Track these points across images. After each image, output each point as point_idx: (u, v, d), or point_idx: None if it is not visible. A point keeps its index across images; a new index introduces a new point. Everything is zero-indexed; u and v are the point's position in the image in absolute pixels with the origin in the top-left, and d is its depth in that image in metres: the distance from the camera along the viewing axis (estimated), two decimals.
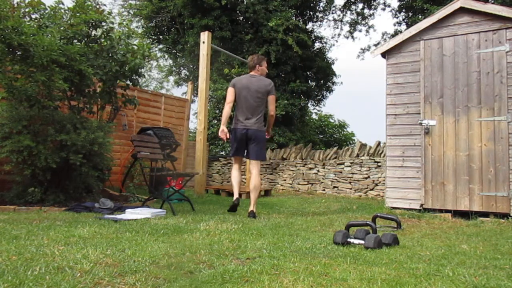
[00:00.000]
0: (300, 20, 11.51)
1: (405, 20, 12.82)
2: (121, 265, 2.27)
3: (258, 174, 4.83)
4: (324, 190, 8.29)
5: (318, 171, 8.45)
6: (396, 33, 12.49)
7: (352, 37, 14.98)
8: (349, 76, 38.53)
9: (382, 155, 7.68)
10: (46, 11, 5.44)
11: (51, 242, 2.82)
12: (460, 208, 5.00)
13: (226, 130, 4.80)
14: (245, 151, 4.89)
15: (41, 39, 4.65)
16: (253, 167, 4.84)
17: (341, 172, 8.15)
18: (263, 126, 4.87)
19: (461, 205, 5.00)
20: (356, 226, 3.42)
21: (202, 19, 10.28)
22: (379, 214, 3.82)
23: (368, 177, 7.81)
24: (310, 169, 8.57)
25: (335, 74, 12.19)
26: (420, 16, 10.65)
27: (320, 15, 13.21)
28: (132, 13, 14.32)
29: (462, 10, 5.19)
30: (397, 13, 13.20)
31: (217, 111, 10.94)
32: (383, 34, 14.35)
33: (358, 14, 14.63)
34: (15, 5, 5.12)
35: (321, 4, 12.88)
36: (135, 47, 5.99)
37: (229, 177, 9.44)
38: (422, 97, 5.36)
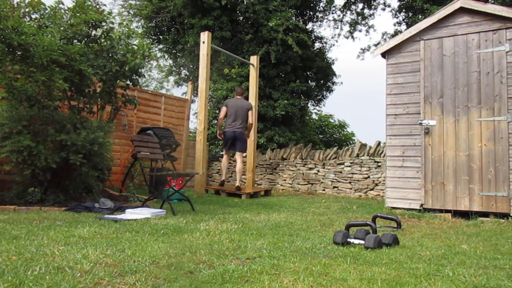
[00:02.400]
0: (300, 20, 11.50)
1: (405, 20, 12.81)
2: (121, 265, 2.27)
3: (241, 162, 7.44)
4: (324, 190, 8.28)
5: (318, 171, 8.44)
6: (396, 33, 12.49)
7: (352, 37, 14.97)
8: (349, 76, 38.51)
9: (382, 155, 7.68)
10: (46, 11, 5.44)
11: (51, 242, 2.82)
12: (460, 208, 5.00)
13: (221, 133, 7.51)
14: (233, 146, 7.38)
15: (41, 39, 4.65)
16: (238, 156, 7.47)
17: (341, 172, 8.15)
18: (245, 130, 7.39)
19: (461, 205, 5.00)
20: (356, 226, 3.42)
21: (202, 19, 10.28)
22: (379, 214, 3.82)
23: (368, 177, 7.81)
24: (310, 169, 8.56)
25: (335, 74, 12.18)
26: (420, 16, 10.64)
27: (320, 15, 13.21)
28: (132, 13, 14.30)
29: (462, 10, 5.19)
30: (397, 13, 13.20)
31: (217, 111, 10.93)
32: (383, 34, 14.35)
33: (358, 14, 14.62)
34: (15, 5, 5.12)
35: (321, 4, 12.88)
36: (135, 47, 5.99)
37: (230, 177, 9.47)
38: (422, 97, 5.36)
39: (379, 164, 7.73)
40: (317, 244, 3.07)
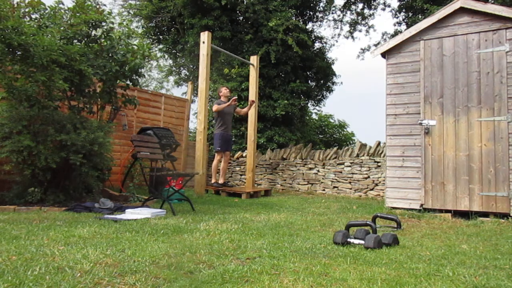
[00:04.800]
0: (300, 20, 11.50)
1: (405, 20, 12.81)
2: (121, 265, 2.27)
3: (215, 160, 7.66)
4: (324, 190, 8.28)
5: (318, 171, 8.44)
6: (396, 33, 12.48)
7: (352, 37, 14.95)
8: (349, 76, 38.56)
9: (382, 155, 7.68)
10: (46, 11, 5.44)
11: (51, 242, 2.82)
12: (460, 208, 5.00)
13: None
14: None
15: (41, 39, 4.65)
16: None
17: (341, 172, 8.15)
18: (216, 129, 7.45)
19: (461, 205, 5.00)
20: (356, 226, 3.42)
21: (202, 19, 10.27)
22: (379, 214, 3.83)
23: (368, 177, 7.80)
24: (310, 169, 8.56)
25: (335, 74, 12.18)
26: (420, 16, 10.64)
27: (320, 15, 13.20)
28: (132, 13, 14.30)
29: (462, 10, 5.19)
30: (397, 13, 13.19)
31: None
32: (383, 34, 14.34)
33: (358, 14, 14.61)
34: (15, 5, 5.12)
35: (321, 4, 12.87)
36: (135, 47, 5.99)
37: (229, 177, 9.48)
38: (422, 97, 5.36)
39: (379, 164, 7.73)
40: (317, 244, 3.07)
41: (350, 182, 8.02)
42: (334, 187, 8.18)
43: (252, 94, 8.27)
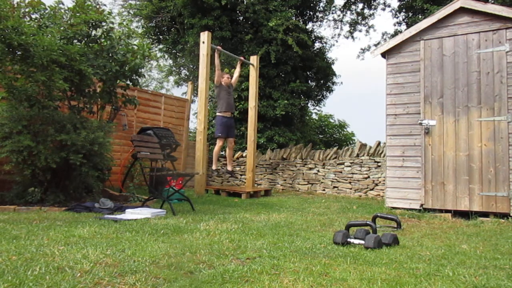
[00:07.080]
0: (300, 20, 11.50)
1: (405, 20, 12.81)
2: (121, 265, 2.27)
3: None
4: (324, 190, 8.28)
5: (318, 171, 8.44)
6: (396, 33, 12.48)
7: (352, 37, 14.95)
8: (349, 76, 38.55)
9: (382, 155, 7.68)
10: (46, 11, 5.44)
11: (51, 242, 2.82)
12: (460, 208, 5.00)
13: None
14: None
15: (41, 39, 4.65)
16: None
17: (341, 172, 8.15)
18: (217, 112, 7.09)
19: (461, 205, 5.00)
20: (356, 226, 3.42)
21: (202, 19, 10.27)
22: (379, 214, 3.83)
23: (368, 177, 7.80)
24: (310, 169, 8.56)
25: (335, 74, 12.18)
26: (420, 16, 10.64)
27: (320, 15, 13.19)
28: (132, 13, 14.29)
29: (462, 10, 5.19)
30: (397, 13, 13.19)
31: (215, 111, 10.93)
32: (383, 34, 14.34)
33: (358, 14, 14.61)
34: (15, 5, 5.12)
35: (321, 4, 12.87)
36: (135, 47, 5.99)
37: (229, 177, 9.47)
38: (422, 97, 5.36)
39: (379, 164, 7.73)
40: (317, 244, 3.07)
41: (350, 182, 8.01)
42: (334, 187, 8.17)
43: (252, 94, 8.27)
